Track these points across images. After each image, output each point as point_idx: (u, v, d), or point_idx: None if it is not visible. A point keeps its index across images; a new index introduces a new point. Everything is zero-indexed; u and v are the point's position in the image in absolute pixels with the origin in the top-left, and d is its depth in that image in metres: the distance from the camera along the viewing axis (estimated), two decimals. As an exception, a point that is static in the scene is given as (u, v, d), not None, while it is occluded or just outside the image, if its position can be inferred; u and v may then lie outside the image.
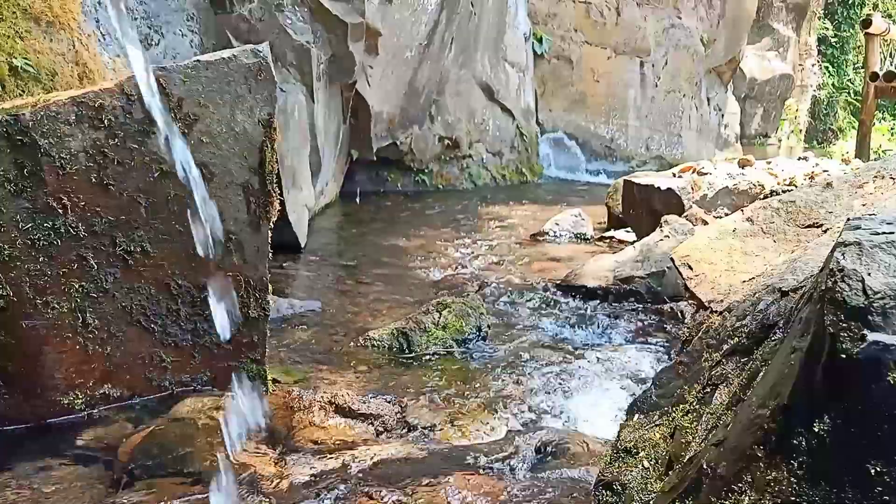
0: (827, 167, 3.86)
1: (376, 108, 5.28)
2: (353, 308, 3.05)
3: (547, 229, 4.59)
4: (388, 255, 4.02)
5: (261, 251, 1.68)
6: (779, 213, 1.51)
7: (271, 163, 1.56)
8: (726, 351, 1.11)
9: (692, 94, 9.40)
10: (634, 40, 8.71)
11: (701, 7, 9.23)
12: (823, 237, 1.27)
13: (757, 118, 14.23)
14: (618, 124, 8.96)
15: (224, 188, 1.57)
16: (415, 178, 6.38)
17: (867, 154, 6.54)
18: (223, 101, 1.50)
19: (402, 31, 5.20)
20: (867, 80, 6.38)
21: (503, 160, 7.35)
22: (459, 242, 4.36)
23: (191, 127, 1.49)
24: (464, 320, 2.60)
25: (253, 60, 1.50)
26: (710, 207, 3.80)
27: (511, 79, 7.38)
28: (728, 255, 1.49)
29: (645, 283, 3.18)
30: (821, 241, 1.24)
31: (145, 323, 1.66)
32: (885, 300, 0.67)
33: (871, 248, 0.71)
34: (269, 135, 1.55)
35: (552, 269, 3.78)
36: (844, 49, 16.76)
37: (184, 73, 1.45)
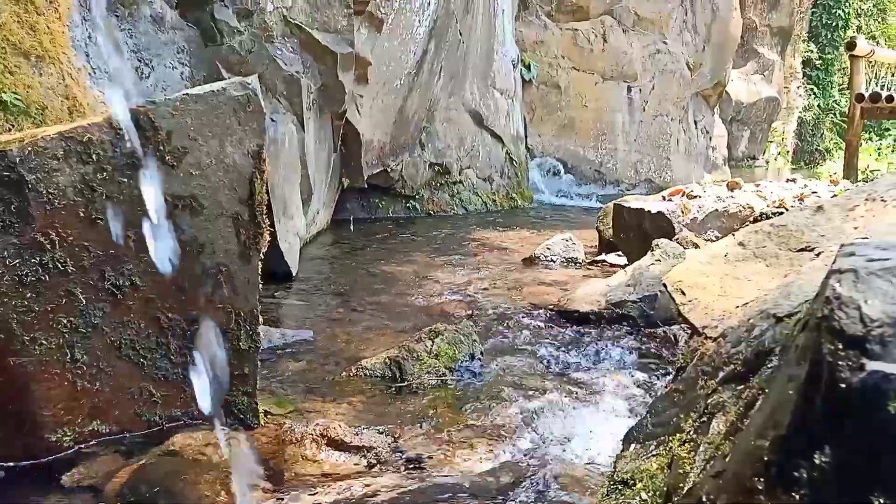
0: (815, 189, 3.89)
1: (367, 137, 5.31)
2: (345, 337, 3.03)
3: (538, 254, 4.59)
4: (379, 282, 4.01)
5: (251, 282, 1.66)
6: (770, 237, 1.51)
7: (261, 194, 1.56)
8: (722, 378, 1.10)
9: (680, 118, 9.50)
10: (621, 66, 8.81)
11: (686, 32, 9.36)
12: (816, 261, 1.27)
13: (744, 140, 14.38)
14: (607, 148, 9.03)
15: (213, 220, 1.56)
16: (406, 204, 6.40)
17: (855, 175, 6.59)
18: (212, 134, 1.50)
19: (392, 60, 5.24)
20: (853, 101, 6.46)
21: (493, 186, 7.38)
22: (451, 268, 4.35)
23: (180, 160, 1.48)
24: (456, 348, 2.58)
25: (242, 92, 1.50)
26: (701, 230, 3.81)
27: (500, 105, 7.44)
28: (720, 280, 1.48)
29: (637, 307, 3.17)
30: (814, 265, 1.23)
31: (134, 357, 1.64)
32: (884, 328, 0.66)
33: (867, 274, 0.70)
34: (259, 166, 1.54)
35: (544, 294, 3.77)
36: (829, 71, 17.01)
37: (172, 107, 1.45)
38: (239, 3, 3.55)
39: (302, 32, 3.88)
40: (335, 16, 4.02)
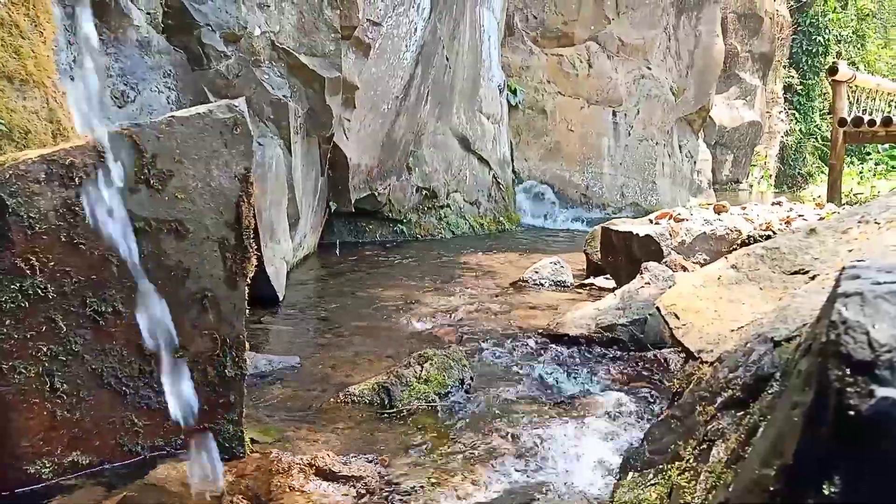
0: (801, 212, 3.91)
1: (354, 161, 5.30)
2: (332, 362, 2.98)
3: (527, 277, 4.58)
4: (367, 306, 3.97)
5: (237, 308, 1.63)
6: (763, 259, 1.50)
7: (248, 218, 1.53)
8: (721, 404, 1.07)
9: (664, 142, 9.58)
10: (606, 91, 8.89)
11: (669, 58, 9.47)
12: (811, 284, 1.26)
13: (728, 164, 14.53)
14: (593, 172, 9.08)
15: (199, 244, 1.53)
16: (393, 228, 6.38)
17: (839, 198, 6.65)
18: (199, 157, 1.47)
19: (379, 84, 5.25)
20: (836, 125, 6.53)
21: (481, 209, 7.39)
22: (439, 292, 4.33)
23: (165, 183, 1.45)
24: (446, 373, 2.55)
25: (229, 115, 1.48)
26: (689, 253, 3.81)
27: (487, 130, 7.47)
28: (714, 304, 1.47)
29: (627, 330, 3.15)
30: (810, 288, 1.22)
31: (116, 386, 1.59)
32: (893, 353, 0.64)
33: (873, 298, 0.68)
34: (246, 189, 1.52)
35: (533, 318, 3.75)
36: (810, 96, 17.28)
37: (158, 130, 1.42)
38: (226, 27, 3.54)
39: (290, 57, 3.88)
40: (323, 41, 4.02)
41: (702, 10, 9.84)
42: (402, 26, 5.33)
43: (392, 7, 5.16)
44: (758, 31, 14.75)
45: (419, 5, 5.46)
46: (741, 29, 14.49)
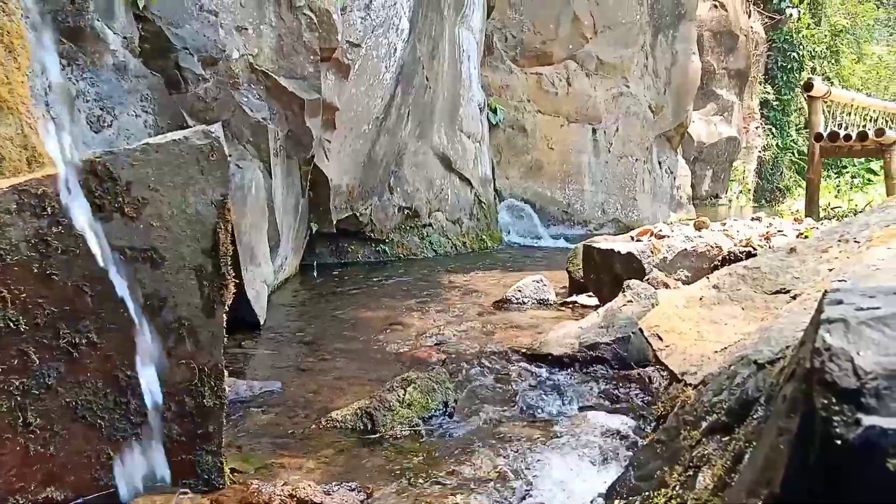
0: (781, 227, 3.94)
1: (335, 181, 5.28)
2: (314, 387, 2.95)
3: (510, 296, 4.57)
4: (349, 328, 3.94)
5: (215, 336, 1.60)
6: (745, 279, 1.49)
7: (225, 245, 1.51)
8: (706, 429, 1.06)
9: (644, 159, 9.66)
10: (586, 109, 8.96)
11: (647, 76, 9.57)
12: (793, 304, 1.25)
13: (707, 180, 14.68)
14: (574, 189, 9.13)
15: (175, 273, 1.50)
16: (375, 248, 6.36)
17: (817, 212, 6.73)
18: (174, 184, 1.45)
19: (359, 105, 5.26)
20: (812, 140, 6.62)
21: (463, 228, 7.39)
22: (422, 312, 4.30)
23: (140, 211, 1.43)
24: (429, 396, 2.52)
25: (205, 141, 1.46)
26: (671, 270, 3.83)
27: (468, 149, 7.49)
28: (697, 324, 1.46)
29: (611, 349, 3.14)
30: (792, 308, 1.22)
31: (91, 419, 1.55)
32: (879, 381, 0.64)
33: (857, 324, 0.68)
34: (223, 216, 1.49)
35: (517, 337, 3.74)
36: (786, 111, 17.54)
37: (132, 157, 1.40)
38: (204, 51, 3.52)
39: (269, 79, 3.87)
40: (302, 63, 4.02)
41: (678, 29, 9.98)
42: (382, 47, 5.34)
43: (371, 29, 5.18)
44: (733, 48, 14.98)
45: (398, 27, 5.48)
46: (717, 46, 14.71)
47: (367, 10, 5.12)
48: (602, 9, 9.08)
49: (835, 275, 1.28)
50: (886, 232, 1.26)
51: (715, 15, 14.71)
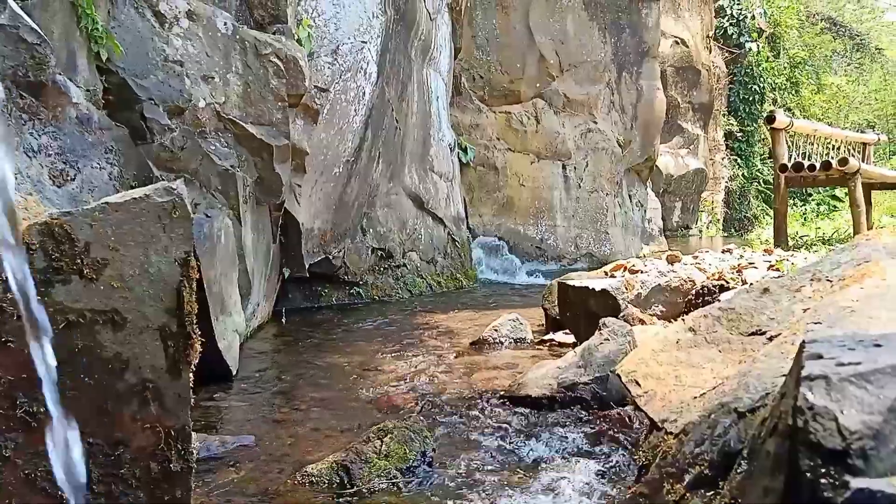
0: (752, 259, 3.97)
1: (307, 225, 5.24)
2: (289, 440, 2.87)
3: (486, 336, 4.54)
4: (324, 376, 3.86)
5: (182, 398, 1.54)
6: (720, 321, 1.48)
7: (190, 303, 1.46)
8: (689, 483, 1.03)
9: (614, 193, 9.76)
10: (555, 145, 9.06)
11: (614, 112, 9.73)
12: (770, 347, 1.24)
13: (677, 211, 14.88)
14: (546, 225, 9.17)
15: (138, 334, 1.45)
16: (350, 291, 6.30)
17: (785, 241, 6.81)
18: (135, 243, 1.40)
19: (329, 149, 5.25)
20: (777, 171, 6.74)
21: (437, 267, 7.36)
22: (398, 356, 4.25)
23: (99, 272, 1.38)
24: (407, 446, 2.46)
25: (167, 199, 1.42)
26: (645, 306, 3.83)
27: (440, 188, 7.51)
28: (675, 368, 1.44)
29: (589, 388, 3.12)
30: (769, 351, 1.20)
31: (52, 490, 1.48)
32: (864, 441, 0.61)
33: (839, 381, 0.66)
34: (187, 273, 1.45)
35: (495, 379, 3.69)
36: (750, 142, 17.94)
37: (91, 217, 1.36)
38: (170, 101, 3.50)
39: (236, 127, 3.84)
40: (270, 109, 4.00)
41: (641, 66, 10.18)
42: (350, 91, 5.36)
43: (339, 74, 5.20)
44: (696, 82, 15.33)
45: (366, 71, 5.51)
46: (680, 81, 15.05)
47: (334, 55, 5.14)
48: (567, 48, 9.25)
49: (809, 316, 1.26)
50: (858, 271, 1.26)
51: (677, 51, 15.07)
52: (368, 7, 5.54)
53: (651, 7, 10.29)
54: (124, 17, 3.44)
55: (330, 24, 5.17)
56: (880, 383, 0.64)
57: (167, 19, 3.58)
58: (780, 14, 19.56)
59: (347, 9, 5.32)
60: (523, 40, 8.90)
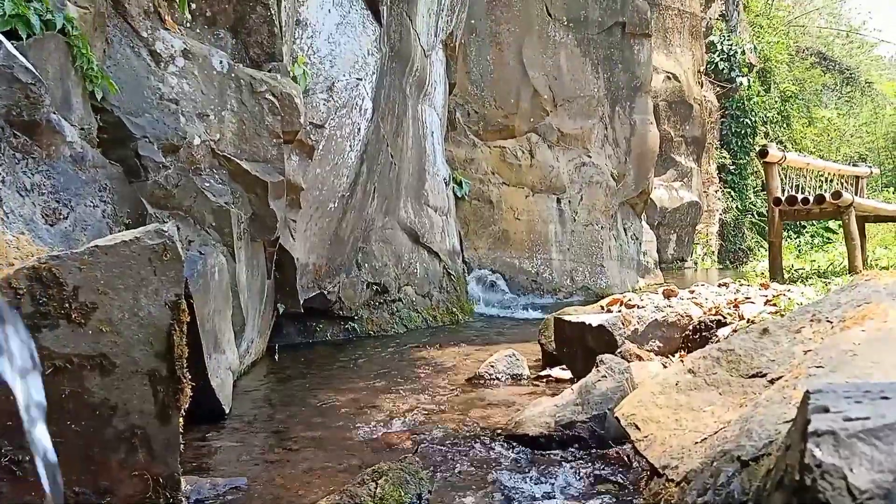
0: (748, 294, 3.95)
1: (301, 261, 5.22)
2: (282, 481, 2.81)
3: (482, 372, 4.49)
4: (319, 414, 3.81)
5: (171, 444, 1.50)
6: (719, 362, 1.46)
7: (180, 346, 1.43)
8: (693, 535, 1.00)
9: (609, 226, 9.78)
10: (549, 179, 9.10)
11: (608, 146, 9.80)
12: (772, 391, 1.22)
13: (672, 244, 14.92)
14: (542, 259, 9.17)
15: (127, 379, 1.42)
16: (345, 326, 6.26)
17: (781, 274, 6.81)
18: (125, 286, 1.38)
19: (325, 184, 5.25)
20: (771, 205, 6.76)
21: (433, 301, 7.33)
22: (394, 393, 4.20)
23: (88, 316, 1.36)
24: (402, 489, 2.41)
25: (157, 241, 1.41)
26: (643, 342, 3.80)
27: (435, 222, 7.51)
28: (675, 412, 1.41)
29: (587, 427, 3.07)
30: (771, 396, 1.18)
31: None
32: (875, 500, 0.59)
33: (847, 437, 0.63)
34: (178, 317, 1.43)
35: (491, 417, 3.65)
36: (743, 175, 18.08)
37: (80, 261, 1.34)
38: (164, 138, 3.50)
39: (231, 163, 3.84)
40: (265, 145, 4.01)
41: (634, 101, 10.29)
42: (346, 127, 5.38)
43: (335, 110, 5.22)
44: (688, 116, 15.48)
45: (361, 107, 5.54)
46: (673, 115, 15.20)
47: (329, 92, 5.17)
48: (560, 83, 9.34)
49: (811, 358, 1.24)
50: (858, 312, 1.24)
51: (669, 86, 15.24)
52: (363, 44, 5.59)
53: (643, 43, 10.42)
54: (120, 57, 3.46)
55: (325, 62, 5.21)
56: (890, 440, 0.62)
57: (163, 58, 3.60)
58: (769, 49, 19.86)
59: (343, 46, 5.36)
60: (517, 76, 8.99)
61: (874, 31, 34.29)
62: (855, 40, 29.09)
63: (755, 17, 20.70)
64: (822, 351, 1.20)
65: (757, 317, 3.23)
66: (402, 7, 6.38)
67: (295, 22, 4.95)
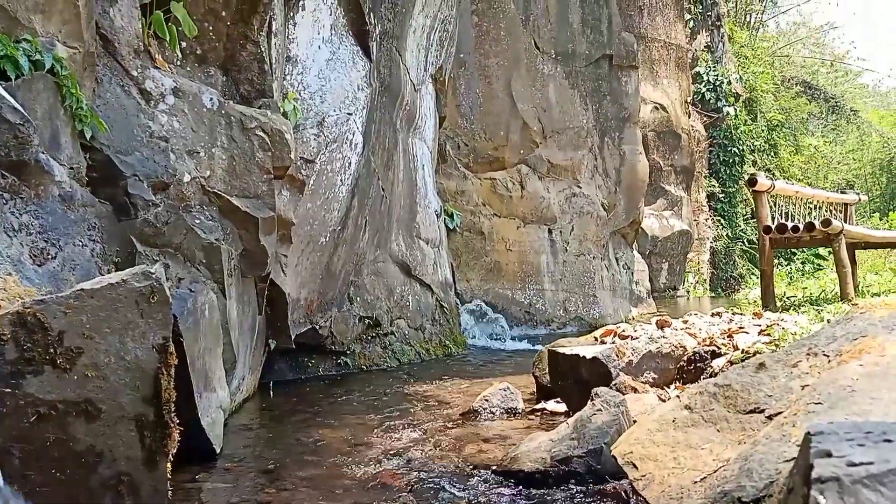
0: (742, 324, 3.95)
1: (293, 296, 5.19)
2: (273, 524, 2.76)
3: (477, 406, 4.45)
4: (311, 452, 3.75)
5: (158, 491, 1.47)
6: (716, 398, 1.44)
7: (168, 390, 1.40)
8: (695, 581, 0.98)
9: (601, 256, 9.80)
10: (540, 210, 9.13)
11: (598, 176, 9.86)
12: (770, 428, 1.20)
13: (664, 273, 14.95)
14: (534, 289, 9.17)
15: (113, 425, 1.39)
16: (337, 361, 6.20)
17: (774, 302, 6.81)
18: (111, 330, 1.36)
19: (316, 219, 5.25)
20: (761, 233, 6.79)
21: (426, 334, 7.29)
22: (387, 429, 4.14)
23: (73, 361, 1.33)
24: (397, 530, 2.36)
25: (144, 283, 1.39)
26: (637, 373, 3.78)
27: (427, 254, 7.50)
28: (672, 450, 1.39)
29: (584, 462, 3.03)
30: (770, 434, 1.16)
31: None
32: (883, 553, 0.57)
33: (851, 484, 0.62)
34: (165, 360, 1.40)
35: (486, 452, 3.60)
36: (732, 203, 18.22)
37: (65, 305, 1.32)
38: (154, 176, 3.49)
39: (221, 200, 3.83)
40: (255, 182, 4.01)
41: (623, 132, 10.38)
42: (336, 162, 5.40)
43: (325, 145, 5.24)
44: (677, 146, 15.64)
45: (352, 141, 5.56)
46: (661, 145, 15.35)
47: (320, 127, 5.19)
48: (549, 115, 9.43)
49: (808, 394, 1.23)
50: (855, 346, 1.23)
51: (657, 116, 15.41)
52: (353, 80, 5.63)
53: (630, 75, 10.55)
54: (110, 95, 3.46)
55: (316, 97, 5.24)
56: (894, 486, 0.60)
57: (153, 96, 3.61)
58: (755, 79, 20.15)
59: (333, 82, 5.40)
60: (506, 108, 9.06)
61: (858, 60, 34.89)
62: (839, 69, 29.58)
63: (740, 47, 21.03)
64: (820, 386, 1.19)
65: (751, 347, 3.21)
66: (392, 43, 6.45)
67: (285, 58, 4.99)
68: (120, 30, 3.60)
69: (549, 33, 9.59)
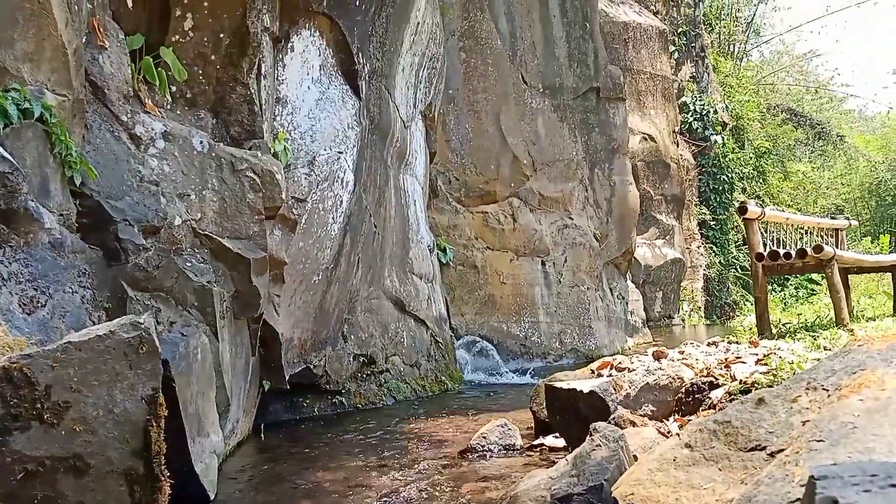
0: (738, 353, 3.93)
1: (286, 335, 5.15)
2: (269, 573, 2.69)
3: (474, 444, 4.39)
4: (306, 496, 3.69)
5: (150, 546, 1.43)
6: (716, 435, 1.42)
7: (158, 442, 1.37)
8: None
9: (595, 286, 9.79)
10: (533, 242, 9.14)
11: (589, 207, 9.89)
12: (773, 467, 1.18)
13: (658, 301, 14.95)
14: (529, 322, 9.13)
15: (102, 479, 1.36)
16: (332, 400, 6.13)
17: (769, 329, 6.80)
18: (99, 382, 1.33)
19: (308, 257, 5.23)
20: (754, 260, 6.81)
21: (421, 370, 7.23)
22: (384, 469, 4.08)
23: (61, 416, 1.30)
24: (396, 576, 2.31)
25: (133, 334, 1.37)
26: (635, 406, 3.74)
27: (420, 290, 7.48)
28: (674, 490, 1.37)
29: (584, 499, 2.97)
30: (772, 473, 1.14)
31: None
32: None
33: (859, 536, 0.60)
34: (155, 412, 1.37)
35: (485, 491, 3.55)
36: (724, 230, 18.31)
37: (52, 359, 1.29)
38: (145, 220, 3.48)
39: (212, 242, 3.82)
40: (246, 222, 4.00)
41: (613, 162, 10.45)
42: (328, 200, 5.40)
43: (316, 184, 5.25)
44: (667, 175, 15.75)
45: (343, 179, 5.57)
46: (651, 175, 15.46)
47: (310, 166, 5.21)
48: (539, 148, 9.49)
49: (809, 430, 1.21)
50: (854, 380, 1.22)
51: (646, 146, 15.56)
52: (343, 118, 5.66)
53: (617, 107, 10.66)
54: (100, 141, 3.47)
55: (306, 137, 5.26)
56: (904, 535, 0.59)
57: (143, 141, 3.61)
58: (741, 108, 20.39)
59: (323, 121, 5.43)
60: (496, 142, 9.12)
61: (842, 87, 35.40)
62: (824, 95, 29.98)
63: (725, 77, 21.33)
64: (821, 423, 1.17)
65: (749, 377, 3.19)
66: (381, 81, 6.50)
67: (275, 99, 5.02)
68: (109, 76, 3.62)
69: (537, 68, 9.70)
